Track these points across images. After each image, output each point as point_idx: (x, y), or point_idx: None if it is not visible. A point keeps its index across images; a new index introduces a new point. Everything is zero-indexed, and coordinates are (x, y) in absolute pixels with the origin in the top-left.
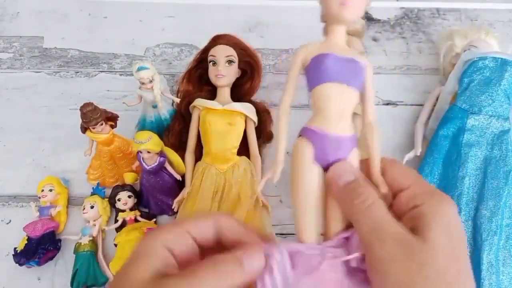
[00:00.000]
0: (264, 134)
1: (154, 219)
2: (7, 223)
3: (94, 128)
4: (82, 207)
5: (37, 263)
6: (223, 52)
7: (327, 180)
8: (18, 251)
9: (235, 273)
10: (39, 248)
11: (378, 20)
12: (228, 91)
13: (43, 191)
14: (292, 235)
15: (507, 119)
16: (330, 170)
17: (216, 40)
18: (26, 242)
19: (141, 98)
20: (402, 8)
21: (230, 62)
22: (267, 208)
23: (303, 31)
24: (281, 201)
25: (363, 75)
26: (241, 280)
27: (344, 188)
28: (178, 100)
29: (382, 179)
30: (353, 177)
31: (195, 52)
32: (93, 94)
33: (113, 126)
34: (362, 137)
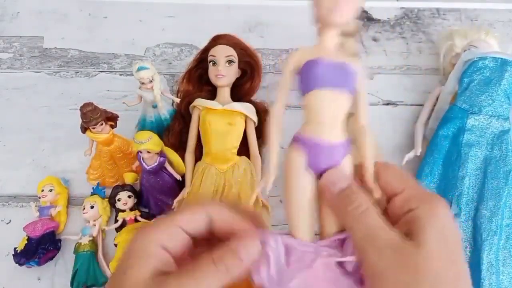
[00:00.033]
0: (264, 134)
1: (154, 219)
2: (7, 223)
3: (94, 128)
4: (82, 207)
5: (37, 263)
6: (223, 52)
7: (320, 188)
8: (18, 251)
9: (233, 265)
10: (39, 248)
11: (378, 20)
12: (228, 91)
13: (43, 191)
14: None
15: (507, 119)
16: (323, 177)
17: (216, 40)
18: (26, 242)
19: (141, 98)
20: (402, 8)
21: (230, 62)
22: (267, 208)
23: (303, 31)
24: (281, 201)
25: (355, 79)
26: (240, 270)
27: (337, 195)
28: (178, 100)
29: (375, 184)
30: (346, 183)
31: (195, 52)
32: (93, 94)
33: (113, 126)
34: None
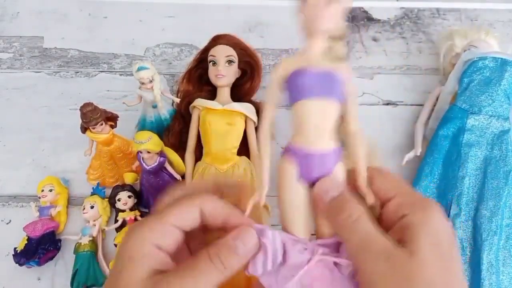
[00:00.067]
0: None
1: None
2: (7, 223)
3: (94, 128)
4: (82, 207)
5: (37, 263)
6: (223, 52)
7: (314, 197)
8: (18, 251)
9: (230, 261)
10: (39, 248)
11: (378, 20)
12: (228, 91)
13: (43, 191)
14: None
15: (507, 119)
16: (316, 187)
17: (216, 40)
18: (26, 242)
19: (141, 98)
20: (402, 8)
21: (230, 62)
22: (267, 208)
23: None
24: None
25: (343, 87)
26: (238, 265)
27: (330, 203)
28: (178, 100)
29: (368, 189)
30: (338, 192)
31: (195, 52)
32: (93, 94)
33: (113, 126)
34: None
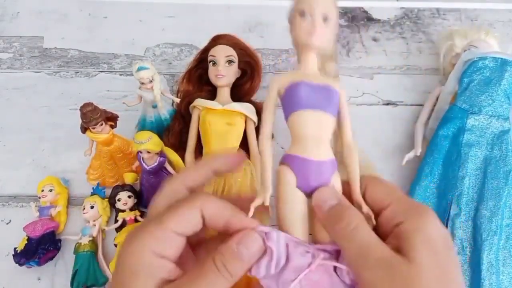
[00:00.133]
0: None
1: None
2: (7, 223)
3: (94, 128)
4: (82, 207)
5: (37, 263)
6: (223, 52)
7: (312, 207)
8: (18, 251)
9: (236, 268)
10: (39, 248)
11: (378, 20)
12: (228, 91)
13: (43, 191)
14: None
15: (507, 119)
16: (314, 196)
17: (216, 40)
18: (26, 242)
19: (141, 98)
20: (402, 8)
21: (230, 62)
22: (267, 209)
23: None
24: None
25: (337, 100)
26: (243, 270)
27: (328, 212)
28: (178, 100)
29: (362, 199)
30: (336, 201)
31: (195, 52)
32: (93, 94)
33: (113, 126)
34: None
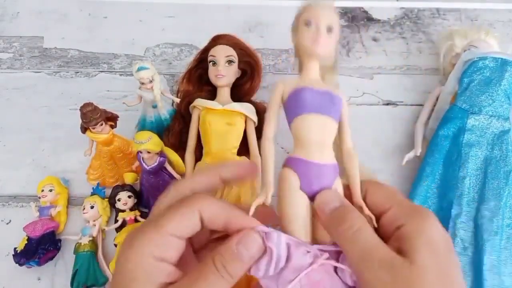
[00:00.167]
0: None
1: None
2: (7, 223)
3: (94, 128)
4: (82, 207)
5: (37, 263)
6: (223, 52)
7: (315, 209)
8: (18, 251)
9: (236, 269)
10: (39, 248)
11: (378, 20)
12: (228, 91)
13: (43, 191)
14: None
15: (507, 119)
16: (317, 199)
17: (216, 40)
18: (26, 242)
19: (141, 98)
20: (402, 8)
21: (230, 62)
22: (265, 207)
23: None
24: None
25: (340, 106)
26: (243, 271)
27: (330, 214)
28: (178, 100)
29: (363, 202)
30: (338, 203)
31: (195, 52)
32: (93, 94)
33: (113, 126)
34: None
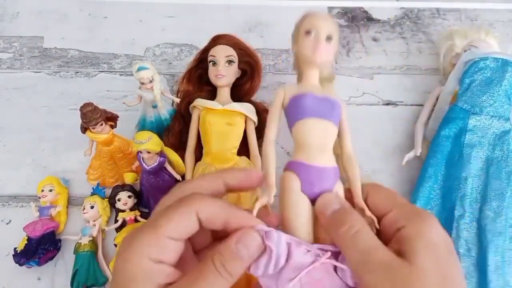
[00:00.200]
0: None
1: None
2: (7, 223)
3: (94, 128)
4: (82, 207)
5: (37, 263)
6: (223, 52)
7: (316, 211)
8: (18, 251)
9: (235, 267)
10: (39, 248)
11: (378, 20)
12: (228, 91)
13: (43, 191)
14: None
15: (508, 119)
16: (318, 202)
17: (216, 40)
18: (26, 242)
19: (141, 98)
20: (402, 8)
21: (230, 62)
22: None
23: None
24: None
25: (340, 111)
26: (242, 270)
27: (330, 216)
28: (178, 100)
29: (364, 204)
30: (338, 206)
31: (195, 52)
32: (93, 94)
33: (113, 126)
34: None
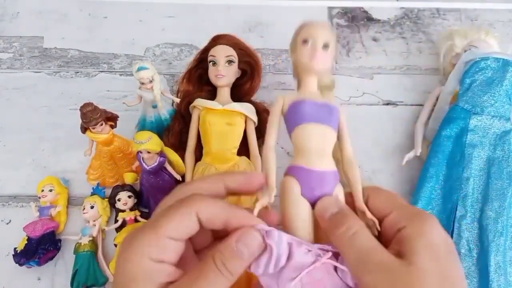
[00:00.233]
0: (264, 134)
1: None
2: (7, 223)
3: (94, 128)
4: (82, 207)
5: (37, 263)
6: (223, 52)
7: (316, 215)
8: (18, 251)
9: (236, 266)
10: (39, 248)
11: (378, 20)
12: (228, 91)
13: (43, 191)
14: None
15: (509, 119)
16: (317, 205)
17: (216, 40)
18: (26, 242)
19: (141, 98)
20: (402, 8)
21: (230, 62)
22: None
23: None
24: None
25: (338, 116)
26: (243, 268)
27: (329, 219)
28: (178, 100)
29: (365, 207)
30: (337, 209)
31: (195, 52)
32: (93, 94)
33: (113, 126)
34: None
